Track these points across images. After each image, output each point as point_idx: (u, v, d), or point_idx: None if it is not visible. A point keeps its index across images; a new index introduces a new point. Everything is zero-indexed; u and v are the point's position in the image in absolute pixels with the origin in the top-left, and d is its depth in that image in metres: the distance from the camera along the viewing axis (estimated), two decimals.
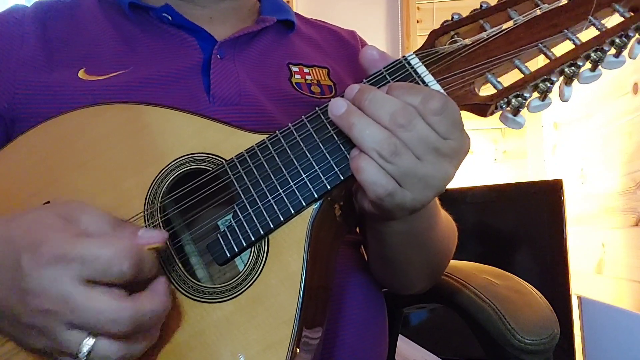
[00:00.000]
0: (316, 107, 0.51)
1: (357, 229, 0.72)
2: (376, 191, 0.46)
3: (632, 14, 0.51)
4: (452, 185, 0.50)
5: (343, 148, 0.49)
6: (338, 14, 2.20)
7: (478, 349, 0.74)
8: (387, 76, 0.51)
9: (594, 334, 1.50)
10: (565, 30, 0.51)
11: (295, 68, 0.72)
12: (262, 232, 0.49)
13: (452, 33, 0.53)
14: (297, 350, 0.47)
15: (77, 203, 0.46)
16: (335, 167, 0.49)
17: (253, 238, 0.49)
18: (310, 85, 0.71)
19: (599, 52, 0.51)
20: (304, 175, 0.50)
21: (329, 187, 0.49)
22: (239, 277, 0.49)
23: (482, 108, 0.51)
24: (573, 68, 0.51)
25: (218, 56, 0.66)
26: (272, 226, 0.49)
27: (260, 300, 0.48)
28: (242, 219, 0.50)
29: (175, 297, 0.48)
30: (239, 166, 0.51)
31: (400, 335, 0.91)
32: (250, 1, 0.77)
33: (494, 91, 0.50)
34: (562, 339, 0.75)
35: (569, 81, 0.51)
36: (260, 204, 0.50)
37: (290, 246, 0.49)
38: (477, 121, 2.06)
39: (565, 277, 1.56)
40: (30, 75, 0.63)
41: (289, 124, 0.51)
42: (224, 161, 0.52)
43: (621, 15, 0.51)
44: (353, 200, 0.54)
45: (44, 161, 0.53)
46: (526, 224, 1.68)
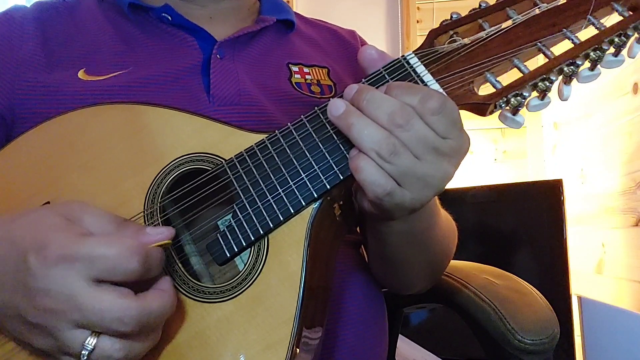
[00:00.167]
0: (315, 107, 0.51)
1: (358, 229, 0.72)
2: (375, 191, 0.46)
3: (631, 13, 0.51)
4: (452, 185, 0.50)
5: (342, 147, 0.49)
6: (338, 14, 2.20)
7: (478, 349, 0.74)
8: (386, 76, 0.51)
9: (594, 334, 1.50)
10: (564, 29, 0.51)
11: (295, 68, 0.72)
12: (262, 232, 0.49)
13: (451, 32, 0.53)
14: (297, 350, 0.46)
15: (79, 203, 0.46)
16: (334, 167, 0.49)
17: (253, 238, 0.49)
18: (310, 85, 0.71)
19: (598, 51, 0.51)
20: (304, 174, 0.50)
21: (329, 187, 0.49)
22: (239, 277, 0.49)
23: (481, 107, 0.51)
24: (572, 67, 0.51)
25: (218, 56, 0.66)
26: (272, 226, 0.49)
27: (260, 300, 0.48)
28: (242, 219, 0.50)
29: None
30: (239, 166, 0.51)
31: (400, 335, 0.91)
32: (250, 1, 0.77)
33: (493, 90, 0.50)
34: (562, 339, 0.75)
35: (568, 80, 0.51)
36: (259, 204, 0.50)
37: (289, 246, 0.49)
38: (477, 121, 2.06)
39: (565, 277, 1.56)
40: (30, 75, 0.63)
41: (288, 124, 0.51)
42: (224, 161, 0.52)
43: (620, 14, 0.52)
44: (353, 199, 0.54)
45: (44, 161, 0.53)
46: (526, 224, 1.68)
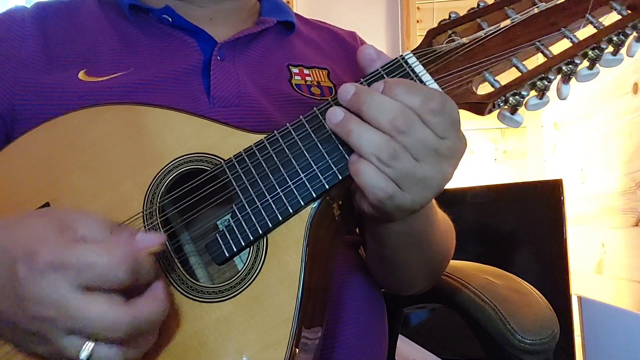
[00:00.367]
0: (314, 107, 0.51)
1: (357, 230, 0.72)
2: (376, 194, 0.46)
3: (630, 12, 0.51)
4: (452, 185, 0.50)
5: (341, 148, 0.49)
6: (338, 14, 2.20)
7: (478, 349, 0.74)
8: (385, 75, 0.51)
9: (594, 334, 1.50)
10: (562, 28, 0.51)
11: (295, 69, 0.72)
12: (261, 232, 0.49)
13: (450, 32, 0.53)
14: (296, 349, 0.46)
15: (71, 210, 0.46)
16: (333, 167, 0.49)
17: (252, 238, 0.49)
18: (310, 86, 0.71)
19: (597, 50, 0.51)
20: (302, 174, 0.50)
21: (328, 187, 0.49)
22: (238, 277, 0.49)
23: (480, 106, 0.51)
24: (571, 66, 0.51)
25: (218, 57, 0.66)
26: (271, 226, 0.49)
27: (259, 299, 0.47)
28: (241, 219, 0.50)
29: (174, 297, 0.48)
30: (237, 166, 0.51)
31: (400, 335, 0.91)
32: (250, 2, 0.77)
33: (492, 89, 0.50)
34: (562, 339, 0.75)
35: (567, 79, 0.51)
36: (258, 204, 0.50)
37: (288, 246, 0.49)
38: (477, 121, 2.06)
39: (565, 277, 1.56)
40: (30, 76, 0.63)
41: (287, 124, 0.51)
42: (223, 161, 0.51)
43: (618, 13, 0.52)
44: (352, 200, 0.54)
45: (44, 162, 0.53)
46: (526, 224, 1.68)
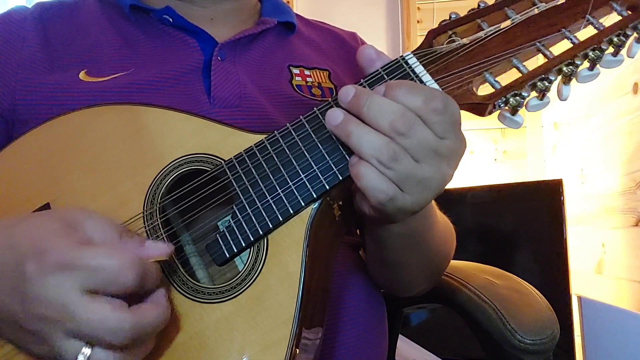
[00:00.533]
0: (314, 108, 0.51)
1: (357, 231, 0.72)
2: (377, 197, 0.46)
3: (630, 13, 0.51)
4: (452, 185, 0.50)
5: (341, 148, 0.49)
6: (338, 14, 2.20)
7: (478, 349, 0.74)
8: (385, 76, 0.51)
9: (594, 334, 1.50)
10: (563, 29, 0.51)
11: (296, 70, 0.72)
12: (261, 233, 0.49)
13: (450, 32, 0.53)
14: (296, 350, 0.46)
15: (81, 209, 0.46)
16: (333, 167, 0.49)
17: (252, 238, 0.49)
18: (311, 87, 0.71)
19: (597, 51, 0.51)
20: (303, 175, 0.50)
21: (328, 187, 0.49)
22: (238, 278, 0.48)
23: (480, 107, 0.51)
24: (571, 67, 0.51)
25: (219, 58, 0.66)
26: (271, 226, 0.49)
27: (259, 300, 0.47)
28: (241, 220, 0.50)
29: (174, 298, 0.48)
30: (238, 166, 0.51)
31: (400, 335, 0.91)
32: (251, 2, 0.76)
33: (492, 90, 0.50)
34: (562, 339, 0.75)
35: (567, 80, 0.51)
36: (259, 204, 0.50)
37: (289, 246, 0.49)
38: (477, 121, 2.06)
39: (565, 277, 1.56)
40: (31, 76, 0.63)
41: (287, 124, 0.51)
42: (223, 162, 0.51)
43: (619, 14, 0.52)
44: (353, 200, 0.54)
45: (45, 162, 0.53)
46: (526, 224, 1.68)
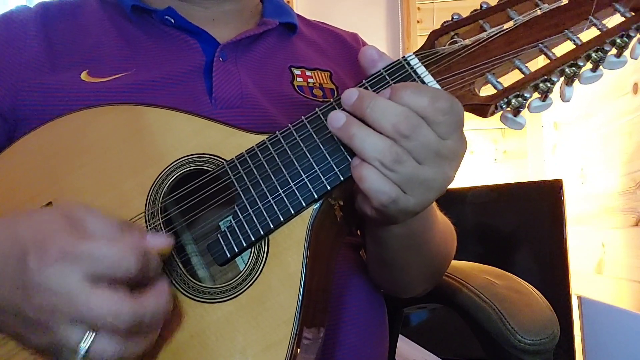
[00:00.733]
0: (316, 108, 0.51)
1: (358, 232, 0.72)
2: (380, 199, 0.46)
3: (633, 14, 0.51)
4: (453, 185, 0.50)
5: (343, 149, 0.49)
6: (338, 15, 2.20)
7: (478, 349, 0.74)
8: (387, 77, 0.50)
9: (594, 334, 1.50)
10: (565, 30, 0.51)
11: (297, 71, 0.72)
12: (262, 233, 0.49)
13: (452, 33, 0.52)
14: (297, 350, 0.46)
15: (82, 205, 0.46)
16: (335, 168, 0.49)
17: (253, 238, 0.49)
18: (312, 88, 0.71)
19: (600, 52, 0.50)
20: (304, 175, 0.50)
21: (329, 188, 0.49)
22: (239, 277, 0.49)
23: (483, 108, 0.50)
24: (574, 68, 0.50)
25: (220, 59, 0.66)
26: (272, 226, 0.49)
27: (260, 300, 0.48)
28: (242, 219, 0.50)
29: (175, 297, 0.48)
30: (239, 167, 0.51)
31: (400, 335, 0.91)
32: (252, 3, 0.76)
33: (494, 91, 0.50)
34: (562, 339, 0.75)
35: (570, 81, 0.51)
36: (260, 205, 0.50)
37: (290, 246, 0.49)
38: (477, 121, 2.05)
39: (565, 277, 1.56)
40: (33, 76, 0.63)
41: (289, 125, 0.51)
42: (225, 162, 0.51)
43: (622, 15, 0.51)
44: (354, 201, 0.54)
45: (46, 162, 0.53)
46: (526, 224, 1.68)
